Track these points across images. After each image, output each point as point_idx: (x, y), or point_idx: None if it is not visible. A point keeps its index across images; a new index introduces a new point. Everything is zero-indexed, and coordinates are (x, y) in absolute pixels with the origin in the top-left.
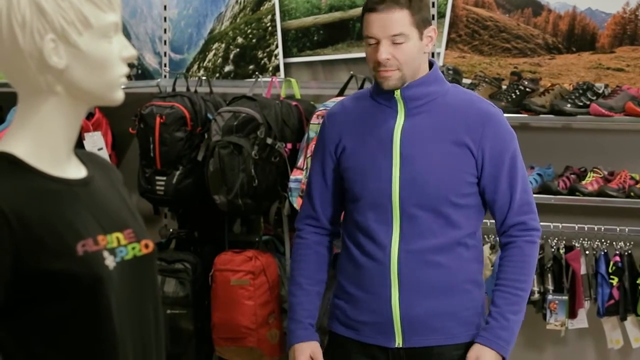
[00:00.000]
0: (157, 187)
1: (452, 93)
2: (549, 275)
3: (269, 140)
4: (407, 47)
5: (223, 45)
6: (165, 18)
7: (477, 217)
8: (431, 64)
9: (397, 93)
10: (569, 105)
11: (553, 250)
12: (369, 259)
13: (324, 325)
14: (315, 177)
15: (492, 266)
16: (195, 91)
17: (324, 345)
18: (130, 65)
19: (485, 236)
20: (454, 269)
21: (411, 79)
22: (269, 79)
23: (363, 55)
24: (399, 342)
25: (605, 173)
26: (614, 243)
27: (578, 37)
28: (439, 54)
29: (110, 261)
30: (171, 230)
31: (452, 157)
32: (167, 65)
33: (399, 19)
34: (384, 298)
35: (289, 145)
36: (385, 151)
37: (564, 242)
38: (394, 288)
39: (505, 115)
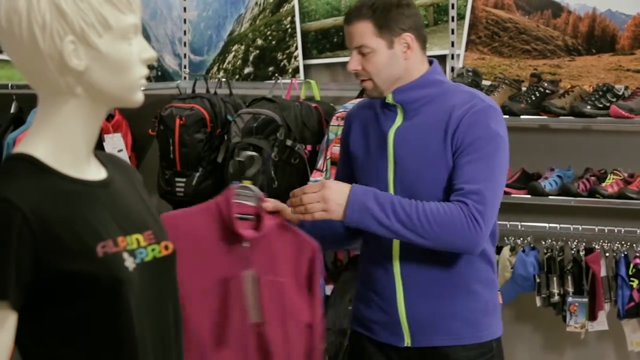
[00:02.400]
0: (177, 189)
1: (449, 93)
2: (569, 277)
3: (289, 142)
4: (374, 58)
5: (243, 47)
6: (185, 20)
7: None
8: (432, 64)
9: (390, 98)
10: (588, 107)
11: (573, 252)
12: (374, 260)
13: (343, 326)
14: (337, 172)
15: (511, 268)
16: (215, 93)
17: (344, 345)
18: (150, 67)
19: (505, 238)
20: (456, 268)
21: (392, 85)
22: (289, 81)
23: None
24: (407, 341)
25: (625, 175)
26: (634, 245)
27: (598, 38)
28: (458, 55)
29: (130, 263)
30: None
31: (439, 156)
32: (187, 67)
33: (361, 31)
34: (390, 298)
35: (309, 147)
36: (381, 152)
37: (583, 244)
38: (398, 288)
39: (525, 117)
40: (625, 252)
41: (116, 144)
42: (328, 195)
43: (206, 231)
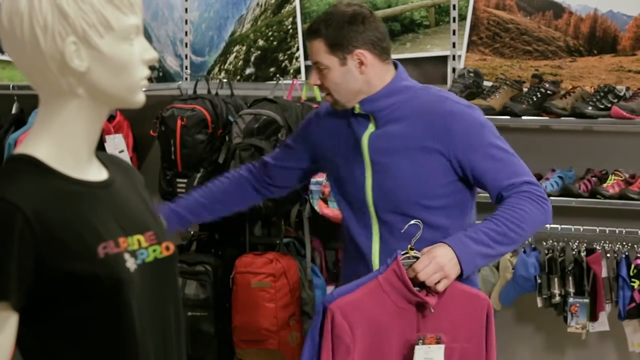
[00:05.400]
0: (178, 190)
1: (419, 98)
2: (570, 278)
3: None
4: (329, 75)
5: (244, 48)
6: (186, 21)
7: (462, 213)
8: (397, 70)
9: (357, 108)
10: (590, 107)
11: (574, 253)
12: (354, 262)
13: None
14: (279, 150)
15: (512, 269)
16: (217, 94)
17: None
18: (152, 68)
19: None
20: None
21: (355, 98)
22: (290, 82)
23: None
24: None
25: (627, 176)
26: (635, 246)
27: (599, 39)
28: (459, 56)
29: (131, 263)
30: (192, 232)
31: (420, 164)
32: (188, 67)
33: (316, 49)
34: None
35: None
36: (357, 159)
37: (585, 244)
38: None
39: (526, 117)
40: (627, 253)
41: (117, 144)
42: (441, 263)
43: (380, 309)
